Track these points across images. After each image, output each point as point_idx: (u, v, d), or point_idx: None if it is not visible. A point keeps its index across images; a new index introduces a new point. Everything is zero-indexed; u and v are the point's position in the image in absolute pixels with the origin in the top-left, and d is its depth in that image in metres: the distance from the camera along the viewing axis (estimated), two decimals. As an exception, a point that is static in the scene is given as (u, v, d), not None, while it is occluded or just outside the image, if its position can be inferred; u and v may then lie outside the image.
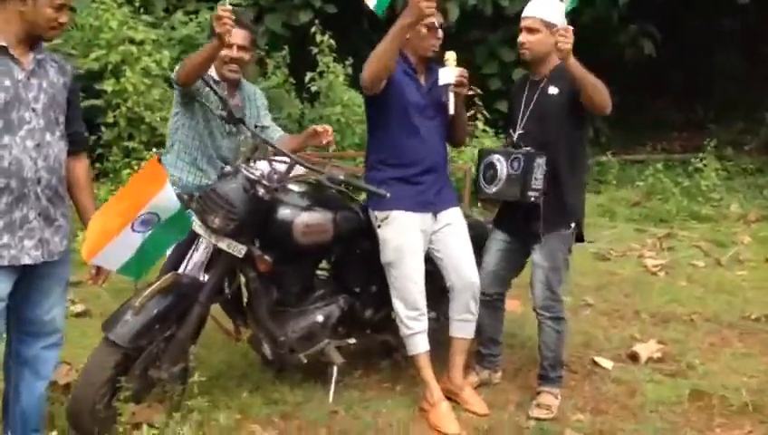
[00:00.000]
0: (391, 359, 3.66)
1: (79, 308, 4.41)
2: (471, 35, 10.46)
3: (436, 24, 3.10)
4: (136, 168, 6.12)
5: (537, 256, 3.19)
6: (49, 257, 2.47)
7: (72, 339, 3.73)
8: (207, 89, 3.09)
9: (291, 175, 3.04)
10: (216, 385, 3.33)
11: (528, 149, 3.11)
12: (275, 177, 2.98)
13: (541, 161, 3.06)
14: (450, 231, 3.24)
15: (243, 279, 3.12)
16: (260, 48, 8.56)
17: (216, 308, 3.20)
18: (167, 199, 2.61)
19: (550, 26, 3.06)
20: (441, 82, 3.07)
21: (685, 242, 7.01)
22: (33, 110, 2.41)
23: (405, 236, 3.12)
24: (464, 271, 3.22)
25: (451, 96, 3.06)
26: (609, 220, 8.38)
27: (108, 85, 6.58)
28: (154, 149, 3.61)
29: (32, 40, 2.43)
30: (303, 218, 3.02)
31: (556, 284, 3.20)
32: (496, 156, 3.19)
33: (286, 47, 8.95)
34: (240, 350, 3.60)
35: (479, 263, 3.35)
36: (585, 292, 5.20)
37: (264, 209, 2.94)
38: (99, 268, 2.70)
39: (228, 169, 2.98)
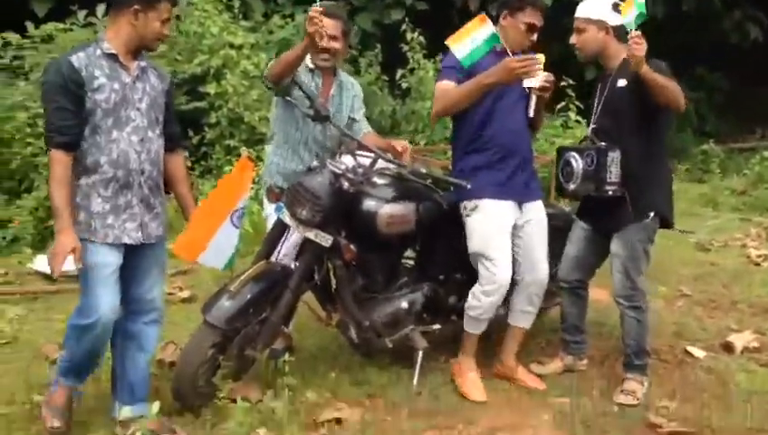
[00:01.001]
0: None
1: (185, 294, 4.74)
2: (566, 23, 10.29)
3: (537, 24, 3.19)
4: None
5: (615, 245, 3.20)
6: (147, 240, 2.80)
7: (178, 322, 4.06)
8: (296, 84, 3.26)
9: (375, 169, 3.18)
10: (307, 367, 3.52)
11: (600, 144, 3.13)
12: (360, 170, 3.12)
13: (614, 155, 3.08)
14: (532, 226, 3.30)
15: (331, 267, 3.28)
16: (352, 47, 8.78)
17: (309, 295, 3.40)
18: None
19: (595, 23, 3.15)
20: (526, 84, 3.09)
21: (792, 232, 6.71)
22: (138, 109, 2.75)
23: (494, 224, 3.19)
24: (537, 267, 3.29)
25: (533, 98, 3.13)
26: (712, 210, 8.13)
27: (210, 88, 6.95)
28: (243, 148, 3.81)
29: (138, 50, 2.76)
30: (387, 210, 3.14)
31: (635, 273, 3.18)
32: (572, 153, 3.23)
33: (378, 45, 9.13)
34: (331, 334, 3.77)
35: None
36: (682, 282, 5.10)
37: (348, 201, 3.09)
38: None
39: (315, 163, 3.14)
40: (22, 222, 5.92)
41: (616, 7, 3.12)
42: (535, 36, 3.23)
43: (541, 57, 3.02)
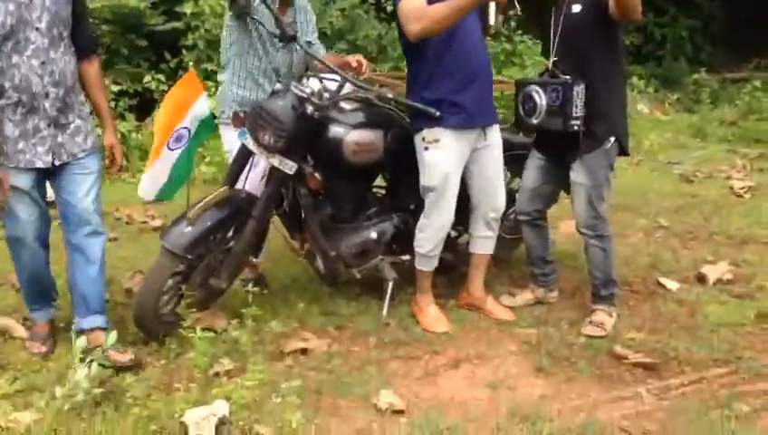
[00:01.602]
0: (449, 276, 3.69)
1: (157, 223, 4.67)
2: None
3: None
4: (213, 91, 6.26)
5: (577, 174, 3.12)
6: (65, 159, 2.76)
7: (149, 250, 4.00)
8: (261, 4, 3.11)
9: (341, 93, 3.06)
10: (277, 297, 3.50)
11: (566, 78, 3.01)
12: (326, 95, 3.00)
13: (579, 89, 2.98)
14: (491, 150, 3.20)
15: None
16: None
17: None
18: (201, 109, 2.74)
19: None
20: None
21: (778, 163, 6.65)
22: (38, 29, 2.62)
23: (452, 162, 3.08)
24: (492, 193, 3.23)
25: (492, 6, 2.93)
26: (700, 141, 8.04)
27: (187, 8, 6.70)
28: (191, 64, 3.64)
29: None
30: (353, 136, 3.04)
31: (598, 201, 3.12)
32: (534, 87, 3.11)
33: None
34: (303, 264, 3.72)
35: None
36: (661, 213, 5.05)
37: (313, 127, 2.98)
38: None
39: (279, 86, 3.02)
40: None
41: None
42: None
43: None
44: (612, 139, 3.08)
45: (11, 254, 2.90)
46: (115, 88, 6.44)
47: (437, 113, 2.94)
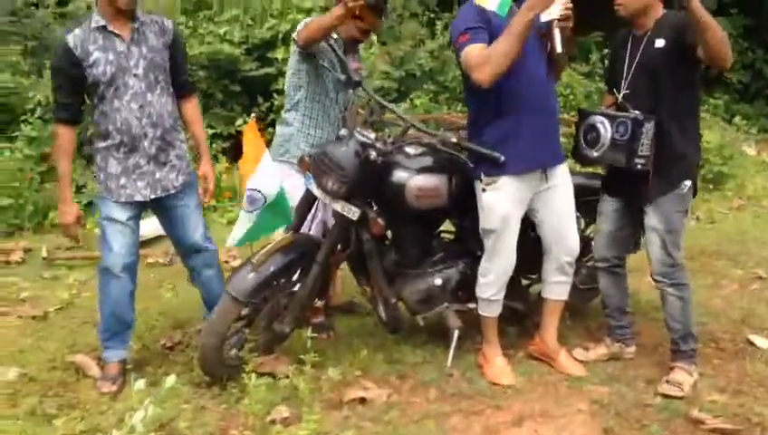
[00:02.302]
0: (520, 326, 3.56)
1: (237, 263, 4.75)
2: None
3: None
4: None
5: (651, 218, 2.96)
6: (163, 193, 3.07)
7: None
8: (329, 49, 3.16)
9: (404, 139, 3.04)
10: (343, 341, 3.47)
11: (636, 113, 2.85)
12: (389, 140, 2.99)
13: (649, 126, 2.83)
14: (555, 193, 3.07)
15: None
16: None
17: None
18: (267, 178, 2.87)
19: None
20: (543, 18, 2.72)
21: None
22: (136, 75, 2.92)
23: (509, 205, 2.98)
24: (563, 235, 3.09)
25: (556, 33, 2.74)
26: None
27: (278, 53, 6.92)
28: (253, 115, 3.67)
29: (119, 12, 2.86)
30: (416, 181, 3.00)
31: (673, 247, 2.94)
32: (600, 118, 2.96)
33: (456, 5, 8.85)
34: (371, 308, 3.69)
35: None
36: (761, 264, 4.70)
37: (376, 172, 2.96)
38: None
39: (344, 131, 3.02)
40: (93, 189, 6.09)
41: None
42: None
43: None
44: (688, 183, 2.92)
45: (99, 285, 3.13)
46: (209, 131, 6.68)
47: (502, 158, 2.86)
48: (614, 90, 3.05)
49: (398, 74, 7.83)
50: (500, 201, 2.97)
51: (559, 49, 2.72)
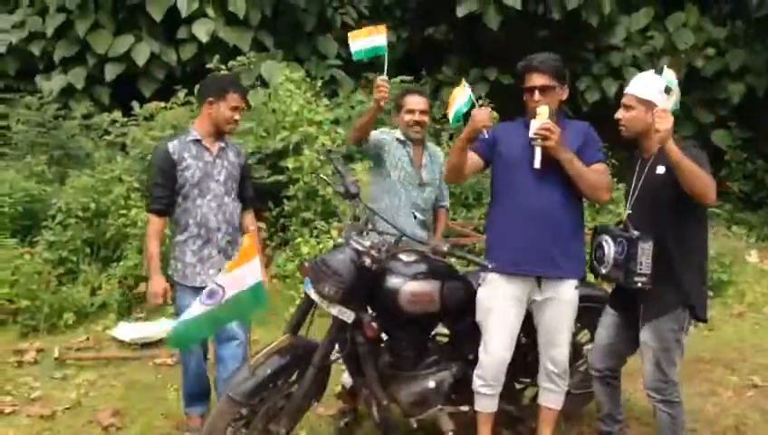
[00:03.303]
0: (513, 430, 3.63)
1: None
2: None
3: (537, 85, 3.19)
4: (308, 237, 6.64)
5: (645, 334, 3.08)
6: None
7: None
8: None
9: (398, 247, 3.23)
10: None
11: (633, 233, 3.02)
12: (383, 248, 3.17)
13: (646, 246, 2.96)
14: (548, 305, 3.24)
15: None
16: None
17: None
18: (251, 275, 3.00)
19: (644, 103, 3.05)
20: (530, 134, 3.11)
21: None
22: (217, 181, 3.57)
23: (497, 301, 3.21)
24: (553, 349, 3.26)
25: (537, 151, 3.09)
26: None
27: (289, 162, 7.24)
28: (251, 229, 3.85)
29: (217, 133, 3.58)
30: (409, 287, 3.17)
31: (666, 365, 3.04)
32: (605, 236, 3.15)
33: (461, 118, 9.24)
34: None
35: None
36: (758, 371, 4.76)
37: (371, 278, 3.14)
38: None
39: (340, 240, 3.22)
40: (110, 290, 6.28)
41: (666, 90, 3.05)
42: (537, 97, 3.18)
43: (544, 109, 3.10)
44: (683, 307, 3.03)
45: (180, 358, 3.74)
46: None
47: (490, 265, 3.05)
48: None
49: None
50: (487, 296, 3.23)
51: (536, 165, 3.04)
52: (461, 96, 3.42)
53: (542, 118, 3.07)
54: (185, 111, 7.99)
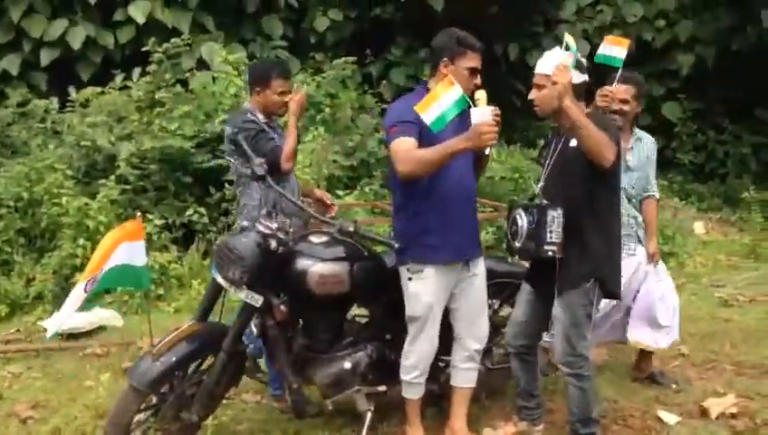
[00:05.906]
0: (437, 407, 3.61)
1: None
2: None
3: (479, 67, 3.11)
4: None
5: (556, 309, 3.08)
6: None
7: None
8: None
9: (309, 226, 3.17)
10: (258, 429, 3.50)
11: (543, 201, 3.02)
12: (291, 230, 3.11)
13: (555, 214, 2.94)
14: (473, 282, 3.23)
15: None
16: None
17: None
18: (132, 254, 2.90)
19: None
20: (474, 119, 2.83)
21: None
22: None
23: (434, 294, 3.13)
24: (475, 323, 3.23)
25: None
26: (753, 262, 7.68)
27: (228, 146, 7.15)
28: (138, 215, 3.77)
29: (270, 115, 3.65)
30: (317, 269, 3.12)
31: (576, 339, 3.04)
32: (518, 210, 3.12)
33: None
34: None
35: None
36: (687, 341, 4.80)
37: (278, 261, 3.08)
38: None
39: (246, 223, 3.15)
40: (44, 281, 6.14)
41: (578, 65, 3.02)
42: (478, 79, 3.11)
43: (482, 93, 2.84)
44: (593, 279, 3.03)
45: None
46: (159, 222, 6.80)
47: (396, 245, 3.02)
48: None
49: (349, 163, 8.08)
50: (425, 291, 3.11)
51: (487, 151, 3.03)
52: (447, 96, 2.81)
53: (482, 103, 2.84)
54: (121, 96, 7.84)
